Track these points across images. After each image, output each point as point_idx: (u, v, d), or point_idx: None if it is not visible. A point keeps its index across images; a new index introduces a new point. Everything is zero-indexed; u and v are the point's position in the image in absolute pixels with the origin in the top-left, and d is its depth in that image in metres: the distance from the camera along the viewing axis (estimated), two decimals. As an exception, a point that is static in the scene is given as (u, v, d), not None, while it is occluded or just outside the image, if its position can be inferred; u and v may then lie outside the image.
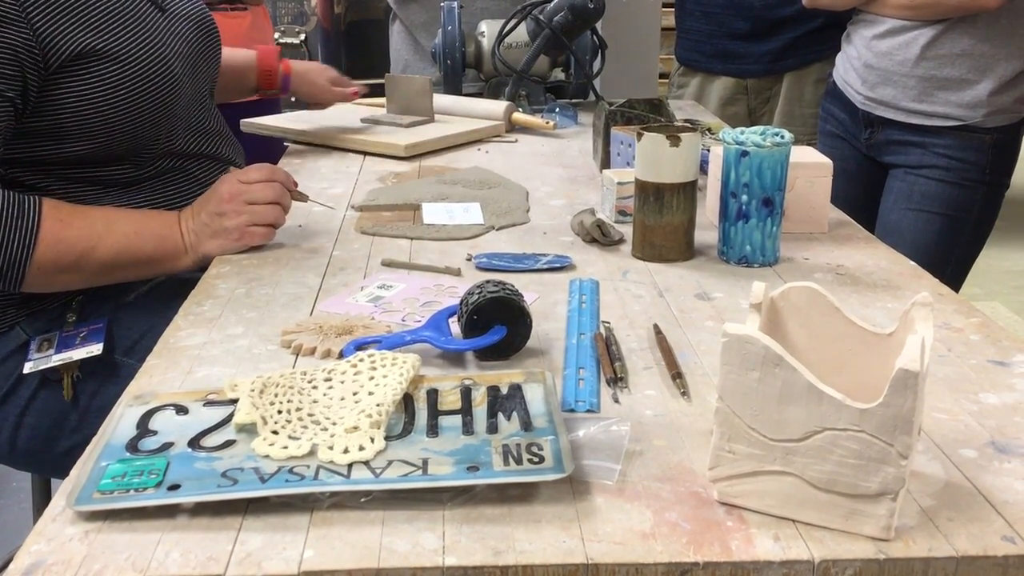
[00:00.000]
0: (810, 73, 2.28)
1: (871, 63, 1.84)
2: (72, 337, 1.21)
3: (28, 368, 1.19)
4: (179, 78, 1.31)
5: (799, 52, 2.27)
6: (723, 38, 2.31)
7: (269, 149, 1.88)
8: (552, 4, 1.92)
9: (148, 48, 1.26)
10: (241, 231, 1.23)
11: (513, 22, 2.01)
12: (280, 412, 0.81)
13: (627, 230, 1.29)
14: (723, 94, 2.36)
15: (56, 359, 1.19)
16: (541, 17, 1.92)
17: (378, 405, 0.80)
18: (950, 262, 1.83)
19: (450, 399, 0.84)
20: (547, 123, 1.92)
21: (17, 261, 1.14)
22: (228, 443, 0.78)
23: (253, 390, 0.83)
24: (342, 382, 0.87)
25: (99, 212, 1.24)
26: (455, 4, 2.07)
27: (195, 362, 0.95)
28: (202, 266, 1.23)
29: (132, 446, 0.78)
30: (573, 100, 2.20)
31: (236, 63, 1.69)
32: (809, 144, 1.19)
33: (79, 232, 1.17)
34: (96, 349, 1.18)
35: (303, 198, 1.33)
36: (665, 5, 3.40)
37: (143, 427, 0.81)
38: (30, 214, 1.14)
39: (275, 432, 0.78)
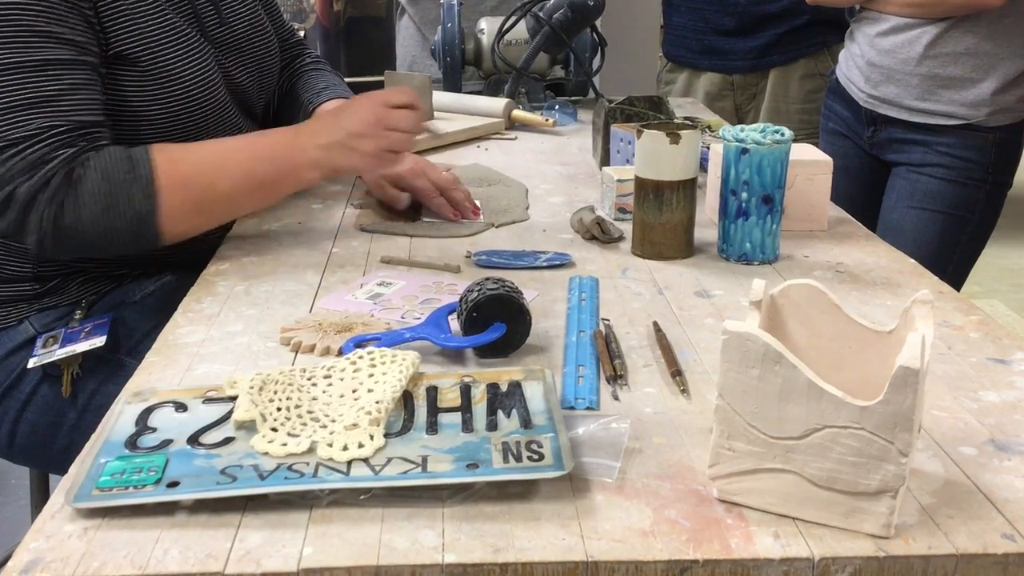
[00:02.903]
0: (796, 69, 2.29)
1: (874, 61, 1.84)
2: (77, 332, 1.21)
3: (32, 363, 1.19)
4: (224, 109, 1.31)
5: (785, 48, 2.28)
6: (709, 34, 2.32)
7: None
8: (552, 1, 1.92)
9: (198, 72, 1.26)
10: (379, 156, 1.24)
11: (513, 19, 2.01)
12: (279, 409, 0.81)
13: (627, 227, 1.29)
14: (709, 90, 2.36)
15: (60, 353, 1.19)
16: (541, 14, 1.92)
17: (377, 402, 0.80)
18: (952, 261, 1.83)
19: (449, 396, 0.84)
20: (547, 120, 1.92)
21: (145, 214, 1.13)
22: (227, 440, 0.78)
23: (252, 387, 0.83)
24: (341, 379, 0.86)
25: (210, 146, 1.23)
26: (455, 1, 2.06)
27: (194, 359, 0.95)
28: (333, 179, 1.25)
29: (131, 443, 0.78)
30: (573, 97, 2.20)
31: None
32: (795, 140, 1.19)
33: (195, 169, 1.17)
34: (99, 341, 1.18)
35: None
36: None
37: (142, 424, 0.80)
38: (143, 164, 1.13)
39: (274, 429, 0.78)
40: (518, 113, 1.94)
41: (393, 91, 1.27)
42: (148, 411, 0.82)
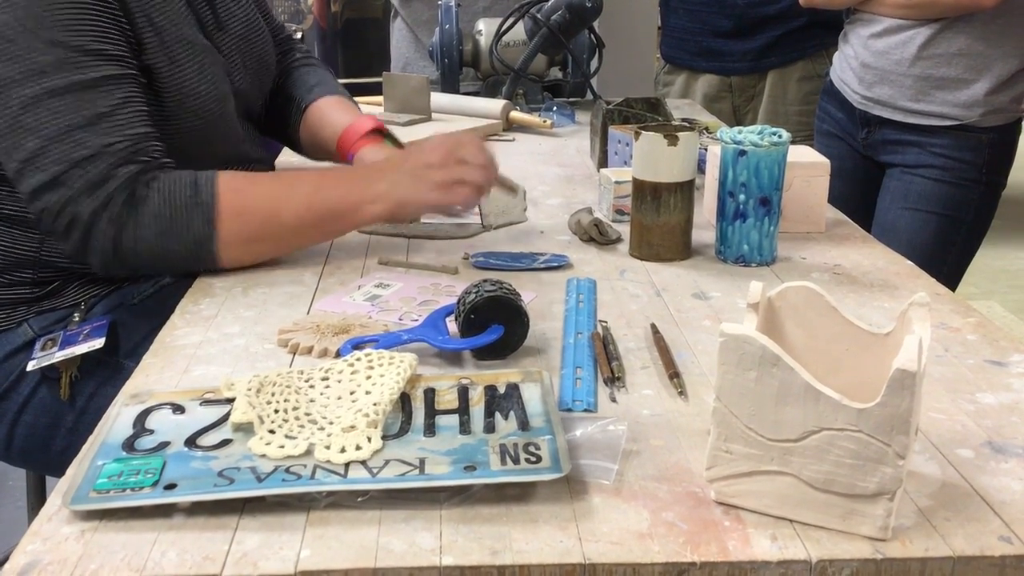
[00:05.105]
0: (794, 71, 2.30)
1: (868, 62, 1.84)
2: (76, 335, 1.21)
3: (31, 366, 1.19)
4: (231, 120, 1.31)
5: (782, 50, 2.28)
6: (707, 36, 2.32)
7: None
8: (550, 3, 1.92)
9: (213, 87, 1.25)
10: (449, 186, 1.20)
11: (511, 20, 2.01)
12: (277, 411, 0.81)
13: (624, 229, 1.29)
14: (707, 92, 2.36)
15: (59, 355, 1.19)
16: (539, 16, 1.92)
17: (375, 404, 0.80)
18: (947, 261, 1.83)
19: (447, 398, 0.84)
20: (544, 122, 1.92)
21: (203, 239, 1.14)
22: (224, 442, 0.78)
23: (250, 389, 0.82)
24: (339, 381, 0.86)
25: (276, 177, 1.27)
26: (452, 2, 2.06)
27: (192, 361, 0.95)
28: (397, 218, 1.23)
29: (128, 445, 0.77)
30: (570, 99, 2.20)
31: (323, 139, 1.49)
32: (792, 142, 1.19)
33: (257, 201, 1.17)
34: (98, 343, 1.18)
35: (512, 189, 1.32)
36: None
37: (139, 426, 0.80)
38: (206, 190, 1.14)
39: (272, 431, 0.78)
40: (516, 115, 1.94)
41: (462, 133, 1.25)
42: (145, 413, 0.82)
